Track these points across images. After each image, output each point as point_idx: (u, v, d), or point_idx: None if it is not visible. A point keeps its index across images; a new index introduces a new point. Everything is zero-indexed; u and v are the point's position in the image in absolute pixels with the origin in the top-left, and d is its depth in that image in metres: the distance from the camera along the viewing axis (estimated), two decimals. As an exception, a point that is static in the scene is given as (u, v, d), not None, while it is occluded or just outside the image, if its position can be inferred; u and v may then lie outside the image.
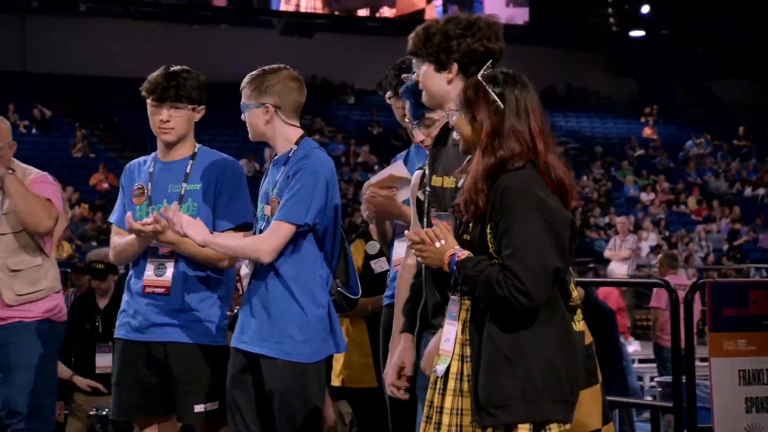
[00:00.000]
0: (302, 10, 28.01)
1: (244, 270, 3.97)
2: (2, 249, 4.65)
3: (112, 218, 4.27)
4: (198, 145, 4.23)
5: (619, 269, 10.92)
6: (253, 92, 3.92)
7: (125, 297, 4.21)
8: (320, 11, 28.08)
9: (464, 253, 2.97)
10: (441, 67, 3.26)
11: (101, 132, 26.55)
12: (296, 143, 3.94)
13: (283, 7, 27.78)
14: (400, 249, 3.97)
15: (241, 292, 3.96)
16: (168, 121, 4.11)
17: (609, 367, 7.37)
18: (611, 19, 31.48)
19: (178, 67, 4.19)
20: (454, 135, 3.13)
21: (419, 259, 3.06)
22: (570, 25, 30.42)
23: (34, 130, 24.54)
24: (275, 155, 4.02)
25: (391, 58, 3.70)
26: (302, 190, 3.79)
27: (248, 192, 4.18)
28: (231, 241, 3.89)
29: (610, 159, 28.28)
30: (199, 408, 4.06)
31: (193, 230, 3.78)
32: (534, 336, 2.94)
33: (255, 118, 3.92)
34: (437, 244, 3.00)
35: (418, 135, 3.60)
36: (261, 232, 3.90)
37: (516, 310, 2.90)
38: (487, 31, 3.27)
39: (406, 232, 3.10)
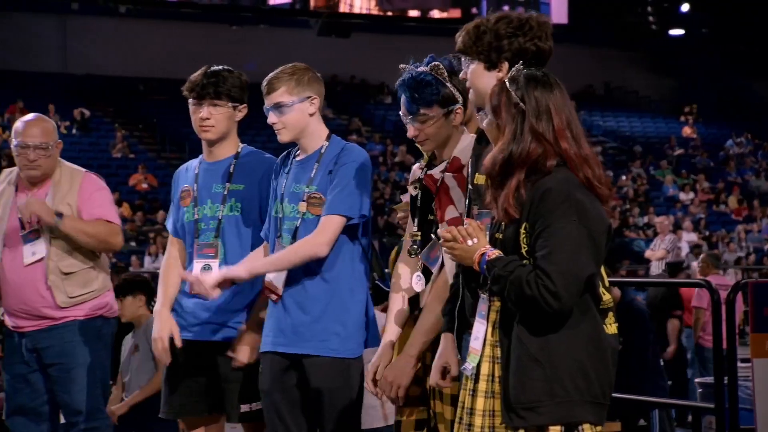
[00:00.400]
0: (356, 10, 28.04)
1: (271, 276, 3.92)
2: (54, 252, 4.67)
3: (168, 226, 4.35)
4: (242, 145, 4.21)
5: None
6: (296, 88, 3.85)
7: (180, 295, 4.21)
8: (374, 12, 28.08)
9: (495, 253, 2.96)
10: (491, 65, 3.24)
11: (140, 132, 26.75)
12: (326, 139, 3.92)
13: (342, 9, 27.84)
14: None
15: (276, 298, 3.90)
16: (208, 119, 4.10)
17: (644, 367, 7.33)
18: (650, 18, 31.28)
19: (220, 66, 4.19)
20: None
21: (450, 257, 3.05)
22: (609, 24, 30.27)
23: (74, 131, 24.78)
24: (297, 154, 3.97)
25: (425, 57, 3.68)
26: (352, 183, 3.77)
27: None
28: (280, 255, 3.81)
29: (649, 158, 28.11)
30: (245, 407, 4.04)
31: (231, 274, 3.78)
32: (563, 338, 2.92)
33: (300, 113, 3.86)
34: (469, 243, 2.98)
35: (411, 130, 3.57)
36: (296, 230, 3.85)
37: (544, 312, 2.87)
38: (538, 30, 3.25)
39: (439, 230, 3.09)
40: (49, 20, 27.63)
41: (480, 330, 3.04)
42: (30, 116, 4.79)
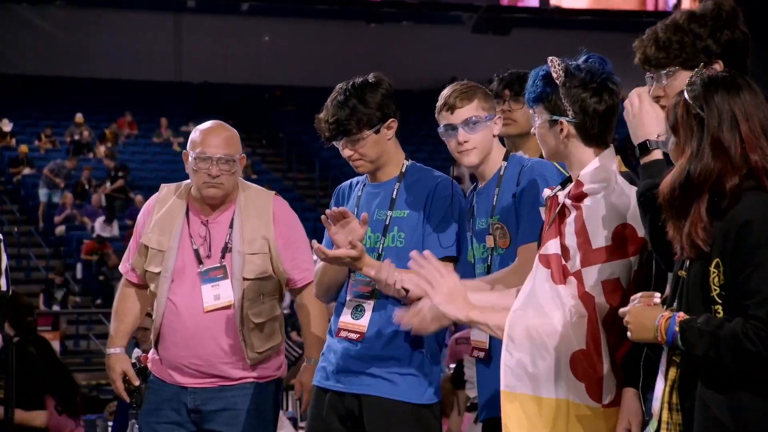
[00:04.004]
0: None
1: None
2: (246, 297, 4.51)
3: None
4: (406, 163, 4.22)
5: None
6: (487, 102, 4.00)
7: (327, 337, 4.28)
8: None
9: (682, 314, 2.91)
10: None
11: (264, 149, 27.24)
12: (504, 159, 4.00)
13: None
14: None
15: (485, 355, 3.93)
16: (352, 155, 4.14)
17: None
18: None
19: (350, 86, 4.14)
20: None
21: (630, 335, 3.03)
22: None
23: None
24: (476, 185, 4.05)
25: (606, 56, 3.64)
26: (536, 205, 3.75)
27: (464, 218, 4.14)
28: (493, 299, 3.68)
29: None
30: None
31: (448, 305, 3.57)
32: (759, 399, 2.85)
33: (488, 132, 3.98)
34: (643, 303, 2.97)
35: (533, 122, 3.61)
36: (489, 269, 3.90)
37: (765, 369, 2.81)
38: (733, 17, 3.35)
39: (621, 311, 3.09)
40: (162, 20, 28.44)
41: (659, 388, 3.00)
42: (209, 124, 4.63)
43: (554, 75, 3.49)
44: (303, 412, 4.74)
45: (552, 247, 3.44)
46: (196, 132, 4.56)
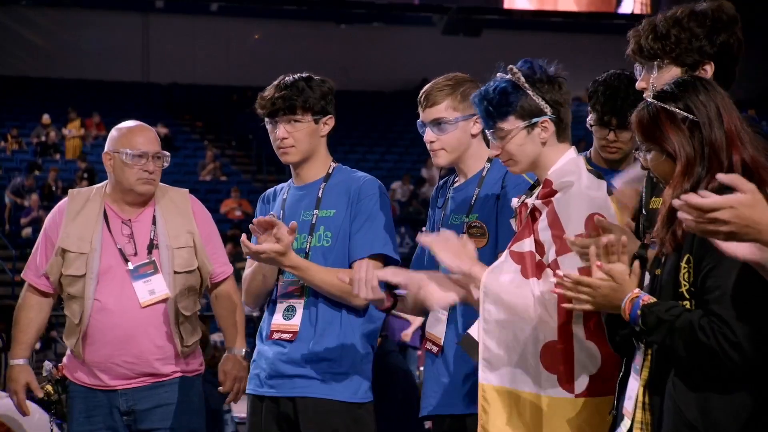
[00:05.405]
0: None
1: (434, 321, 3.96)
2: (177, 290, 4.58)
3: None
4: (334, 165, 4.27)
5: None
6: (462, 103, 3.95)
7: (257, 343, 4.29)
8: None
9: (649, 297, 2.91)
10: (692, 69, 3.31)
11: (234, 151, 27.17)
12: (488, 161, 3.98)
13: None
14: None
15: (438, 350, 3.93)
16: (285, 138, 4.19)
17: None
18: None
19: (296, 75, 4.23)
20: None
21: (587, 305, 3.03)
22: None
23: (157, 149, 25.27)
24: (455, 179, 4.05)
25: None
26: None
27: (390, 217, 4.19)
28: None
29: None
30: None
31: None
32: (728, 400, 2.83)
33: (463, 132, 3.95)
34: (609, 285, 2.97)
35: (493, 148, 3.57)
36: None
37: (721, 366, 2.79)
38: (732, 22, 3.36)
39: (553, 272, 3.11)
40: (130, 20, 28.33)
41: (633, 388, 3.01)
42: (132, 123, 4.70)
43: (521, 80, 3.51)
44: (228, 402, 4.83)
45: (527, 245, 3.46)
46: (121, 131, 4.64)
